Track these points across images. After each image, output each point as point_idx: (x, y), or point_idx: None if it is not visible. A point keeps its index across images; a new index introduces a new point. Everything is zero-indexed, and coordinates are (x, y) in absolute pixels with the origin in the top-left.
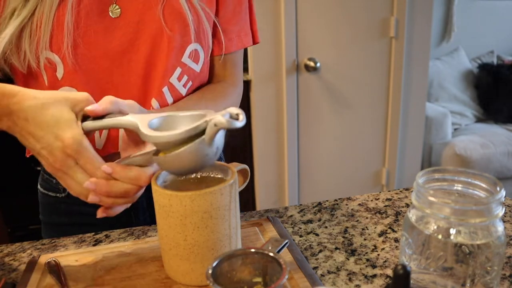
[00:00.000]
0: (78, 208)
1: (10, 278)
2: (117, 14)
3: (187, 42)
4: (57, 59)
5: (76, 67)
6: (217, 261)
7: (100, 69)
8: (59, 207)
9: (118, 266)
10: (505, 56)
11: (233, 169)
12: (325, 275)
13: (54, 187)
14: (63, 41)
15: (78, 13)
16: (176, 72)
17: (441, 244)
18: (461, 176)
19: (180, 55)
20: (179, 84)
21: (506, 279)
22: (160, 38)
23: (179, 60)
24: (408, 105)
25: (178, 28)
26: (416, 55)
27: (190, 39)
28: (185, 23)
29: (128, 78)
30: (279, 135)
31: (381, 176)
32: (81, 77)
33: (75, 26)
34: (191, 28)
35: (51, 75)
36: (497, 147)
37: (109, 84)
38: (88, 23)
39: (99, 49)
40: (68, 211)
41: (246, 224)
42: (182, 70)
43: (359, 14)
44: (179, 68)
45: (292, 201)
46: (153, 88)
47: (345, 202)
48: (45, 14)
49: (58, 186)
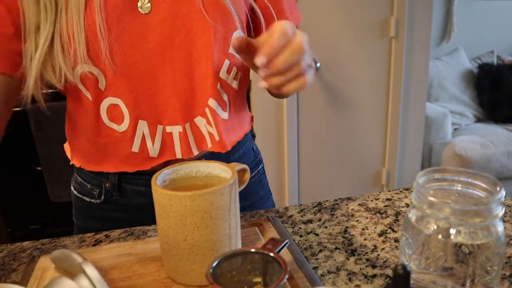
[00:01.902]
0: (113, 214)
1: (10, 278)
2: (148, 10)
3: (232, 30)
4: (97, 70)
5: (117, 75)
6: (217, 261)
7: (142, 74)
8: (93, 213)
9: (118, 266)
10: (505, 56)
11: (233, 169)
12: (325, 275)
13: (89, 192)
14: (100, 49)
15: (107, 15)
16: (225, 65)
17: (441, 244)
18: (461, 176)
19: (226, 46)
20: (229, 77)
21: (506, 279)
22: (202, 31)
23: (226, 51)
24: (408, 105)
25: (220, 17)
26: (416, 55)
27: (234, 26)
28: (227, 11)
29: (173, 79)
30: (279, 135)
31: (381, 176)
32: (124, 86)
33: (108, 30)
34: (234, 15)
35: (94, 88)
36: (497, 147)
37: (153, 90)
38: (120, 24)
39: (138, 52)
40: (102, 217)
41: (246, 224)
42: (231, 62)
43: (359, 14)
44: (227, 60)
45: (292, 201)
46: (205, 87)
47: (345, 202)
48: (74, 21)
49: (93, 192)
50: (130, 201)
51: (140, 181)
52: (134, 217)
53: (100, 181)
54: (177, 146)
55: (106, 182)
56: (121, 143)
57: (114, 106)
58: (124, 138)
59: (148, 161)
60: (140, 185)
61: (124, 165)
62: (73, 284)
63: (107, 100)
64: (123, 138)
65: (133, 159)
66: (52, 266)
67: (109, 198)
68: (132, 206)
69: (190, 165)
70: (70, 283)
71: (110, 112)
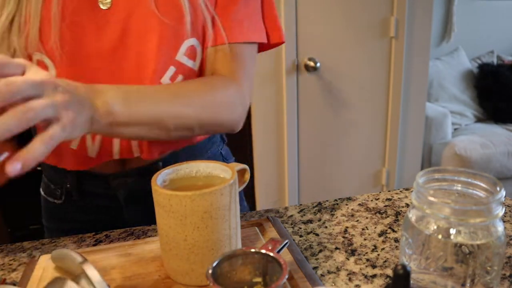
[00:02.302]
0: (74, 215)
1: (10, 278)
2: (108, 5)
3: (182, 37)
4: (48, 60)
5: (65, 65)
6: (217, 261)
7: (90, 69)
8: (57, 213)
9: (118, 266)
10: (505, 56)
11: (233, 169)
12: (325, 275)
13: (52, 192)
14: (50, 34)
15: (65, 3)
16: (169, 71)
17: (441, 244)
18: (461, 176)
19: (173, 52)
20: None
21: (506, 279)
22: (151, 34)
23: (172, 58)
24: (408, 105)
25: (171, 19)
26: (416, 55)
27: (185, 35)
28: (180, 14)
29: (119, 79)
30: (279, 135)
31: (381, 176)
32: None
33: (61, 17)
34: (187, 23)
35: None
36: (497, 147)
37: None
38: (77, 14)
39: (89, 46)
40: (65, 217)
41: (246, 224)
42: (177, 69)
43: (359, 14)
44: (172, 67)
45: (292, 201)
46: None
47: (345, 202)
48: (33, 6)
49: (56, 192)
50: (90, 202)
51: (98, 182)
52: (94, 218)
53: (62, 181)
54: (116, 147)
55: (67, 183)
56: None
57: None
58: None
59: (87, 161)
60: (99, 187)
61: (63, 161)
62: (73, 284)
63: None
64: None
65: (72, 156)
66: (52, 266)
67: (70, 199)
68: (92, 208)
69: (190, 165)
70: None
71: None
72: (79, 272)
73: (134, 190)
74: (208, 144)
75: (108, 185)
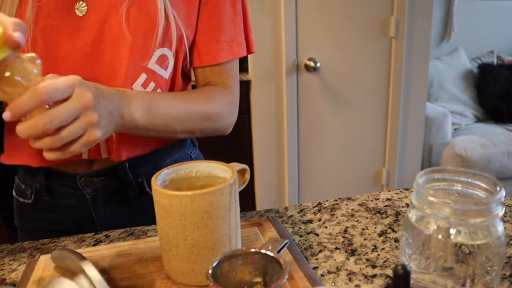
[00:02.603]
0: (44, 215)
1: (10, 278)
2: (84, 12)
3: (153, 46)
4: None
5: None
6: (217, 261)
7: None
8: (27, 213)
9: (118, 266)
10: (505, 56)
11: (233, 169)
12: (325, 275)
13: (22, 192)
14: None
15: (39, 8)
16: (141, 78)
17: (441, 244)
18: (461, 176)
19: (145, 60)
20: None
21: (506, 279)
22: (122, 41)
23: (143, 65)
24: (408, 105)
25: (142, 31)
26: (416, 55)
27: (156, 44)
28: (152, 26)
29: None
30: (279, 135)
31: (381, 176)
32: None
33: (34, 22)
34: (158, 32)
35: None
36: (497, 147)
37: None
38: (51, 19)
39: (62, 51)
40: (34, 217)
41: (246, 224)
42: (148, 76)
43: (359, 14)
44: (144, 74)
45: (292, 201)
46: None
47: (345, 202)
48: (7, 8)
49: (26, 192)
50: (58, 202)
51: (66, 182)
52: (63, 218)
53: (32, 181)
54: (102, 144)
55: (36, 182)
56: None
57: None
58: None
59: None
60: (67, 187)
61: (31, 159)
62: (73, 284)
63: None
64: None
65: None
66: (52, 266)
67: (39, 199)
68: (60, 207)
69: (190, 165)
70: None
71: None
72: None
73: (101, 189)
74: (175, 147)
75: (76, 184)
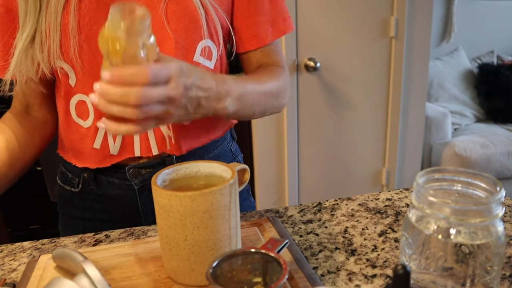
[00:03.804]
0: (90, 204)
1: (10, 278)
2: None
3: (197, 39)
4: (68, 67)
5: (86, 73)
6: (217, 261)
7: None
8: (73, 201)
9: (118, 266)
10: (505, 56)
11: (233, 169)
12: (325, 275)
13: (69, 181)
14: (70, 47)
15: (81, 17)
16: None
17: (441, 244)
18: (461, 176)
19: (190, 54)
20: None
21: (506, 279)
22: (165, 38)
23: (190, 59)
24: (408, 105)
25: (184, 26)
26: (416, 55)
27: (200, 36)
28: (194, 19)
29: None
30: (279, 135)
31: (381, 176)
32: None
33: (78, 31)
34: (202, 24)
35: (65, 84)
36: (497, 147)
37: None
38: (92, 26)
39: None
40: (81, 205)
41: (246, 224)
42: None
43: (359, 14)
44: None
45: (292, 201)
46: None
47: (345, 202)
48: (52, 21)
49: (73, 181)
50: (105, 191)
51: (114, 173)
52: (110, 208)
53: (80, 171)
54: (136, 145)
55: (85, 172)
56: (86, 139)
57: (82, 103)
58: (88, 134)
59: (108, 158)
60: (115, 177)
61: (86, 161)
62: (73, 284)
63: (76, 97)
64: (87, 134)
65: (94, 155)
66: (52, 266)
67: (87, 188)
68: (107, 197)
69: (190, 165)
70: (70, 284)
71: (78, 108)
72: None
73: (148, 180)
74: (220, 140)
75: (124, 175)
